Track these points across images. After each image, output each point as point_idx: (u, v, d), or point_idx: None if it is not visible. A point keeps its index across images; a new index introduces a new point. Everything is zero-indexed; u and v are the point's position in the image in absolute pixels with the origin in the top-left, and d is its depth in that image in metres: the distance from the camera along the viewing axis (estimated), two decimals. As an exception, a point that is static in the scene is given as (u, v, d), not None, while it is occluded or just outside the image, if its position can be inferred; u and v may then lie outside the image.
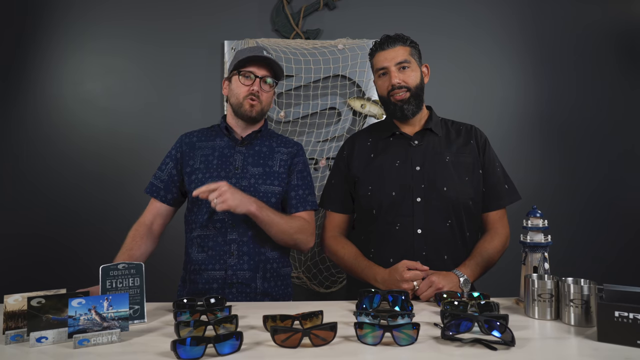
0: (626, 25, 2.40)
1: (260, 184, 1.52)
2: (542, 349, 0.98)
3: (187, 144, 1.60)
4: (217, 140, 1.59)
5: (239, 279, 1.48)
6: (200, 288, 1.49)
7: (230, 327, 1.06)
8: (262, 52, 1.52)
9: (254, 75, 1.51)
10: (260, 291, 1.50)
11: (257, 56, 1.51)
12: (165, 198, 1.58)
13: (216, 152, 1.56)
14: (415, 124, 1.62)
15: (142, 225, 1.55)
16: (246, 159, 1.54)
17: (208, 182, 1.48)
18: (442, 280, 1.36)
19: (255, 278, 1.50)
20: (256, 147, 1.58)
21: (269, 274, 1.52)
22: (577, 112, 2.39)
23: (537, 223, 1.30)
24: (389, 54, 1.55)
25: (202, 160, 1.55)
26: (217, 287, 1.48)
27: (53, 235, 2.34)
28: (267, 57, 1.51)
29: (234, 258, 1.48)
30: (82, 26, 2.39)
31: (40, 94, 2.38)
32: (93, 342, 1.00)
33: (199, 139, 1.60)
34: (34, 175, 2.36)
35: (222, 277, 1.48)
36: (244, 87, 1.51)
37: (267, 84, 1.53)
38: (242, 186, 1.50)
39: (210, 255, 1.49)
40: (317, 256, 2.30)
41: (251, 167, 1.53)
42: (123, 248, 1.48)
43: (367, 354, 0.94)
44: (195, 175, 1.53)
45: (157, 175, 1.60)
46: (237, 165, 1.53)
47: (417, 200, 1.51)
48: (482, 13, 2.40)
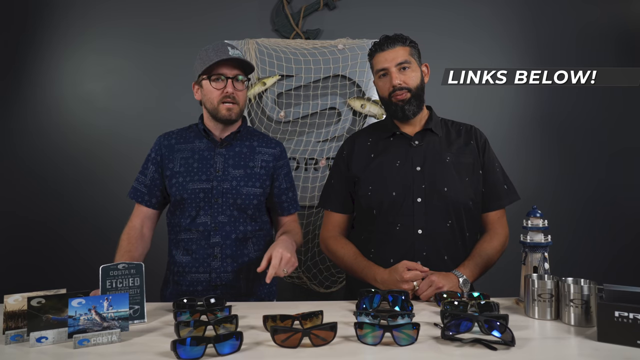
0: (626, 25, 2.40)
1: (242, 186, 1.50)
2: (542, 349, 0.98)
3: (166, 147, 1.55)
4: (196, 142, 1.55)
5: (222, 281, 1.48)
6: (185, 290, 1.49)
7: (230, 327, 1.06)
8: (227, 50, 1.46)
9: (224, 77, 1.47)
10: (244, 292, 1.50)
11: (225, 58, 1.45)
12: (150, 202, 1.55)
13: (196, 155, 1.52)
14: (416, 124, 1.62)
15: (133, 229, 1.53)
16: (227, 161, 1.52)
17: (189, 186, 1.48)
18: (442, 280, 1.36)
19: (239, 279, 1.50)
20: (236, 148, 1.55)
21: (253, 274, 1.51)
22: (577, 112, 2.39)
23: (537, 223, 1.29)
24: (388, 54, 1.55)
25: (182, 164, 1.52)
26: (202, 289, 1.48)
27: (53, 235, 2.34)
28: (235, 57, 1.46)
29: (218, 261, 1.48)
30: (82, 26, 2.39)
31: (40, 94, 2.38)
32: (93, 342, 1.00)
33: (177, 141, 1.56)
34: (34, 175, 2.36)
35: (207, 280, 1.48)
36: (217, 91, 1.47)
37: (239, 81, 1.49)
38: (224, 189, 1.49)
39: (194, 258, 1.48)
40: (317, 256, 2.30)
41: (232, 169, 1.51)
42: (121, 250, 1.47)
43: (367, 354, 0.94)
44: (175, 179, 1.50)
45: (140, 179, 1.57)
46: (218, 168, 1.51)
47: (418, 201, 1.51)
48: (482, 13, 2.40)
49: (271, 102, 2.34)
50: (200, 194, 1.48)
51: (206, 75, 1.48)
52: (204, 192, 1.48)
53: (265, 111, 2.34)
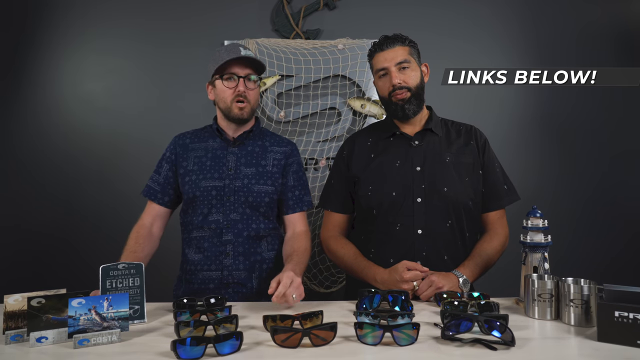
0: (626, 25, 2.40)
1: (253, 184, 1.52)
2: (542, 349, 0.98)
3: (181, 146, 1.60)
4: (209, 141, 1.59)
5: (234, 279, 1.48)
6: (197, 288, 1.49)
7: (230, 327, 1.06)
8: (239, 50, 1.49)
9: (236, 76, 1.50)
10: (256, 291, 1.50)
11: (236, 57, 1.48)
12: (162, 200, 1.58)
13: (209, 154, 1.56)
14: (416, 124, 1.62)
15: (143, 227, 1.55)
16: (239, 160, 1.55)
17: (202, 184, 1.50)
18: (442, 280, 1.36)
19: (251, 278, 1.50)
20: (248, 147, 1.58)
21: (265, 274, 1.52)
22: (577, 112, 2.39)
23: (537, 223, 1.30)
24: (388, 54, 1.55)
25: (195, 162, 1.55)
26: (214, 287, 1.48)
27: (53, 235, 2.34)
28: (246, 56, 1.49)
29: (230, 258, 1.48)
30: (82, 26, 2.39)
31: (40, 94, 2.38)
32: (93, 342, 1.00)
33: (192, 141, 1.60)
34: (34, 175, 2.36)
35: (218, 278, 1.48)
36: (229, 90, 1.50)
37: (251, 81, 1.52)
38: (236, 186, 1.50)
39: (206, 256, 1.49)
40: (317, 256, 2.30)
41: (244, 168, 1.54)
42: (126, 250, 1.47)
43: (367, 354, 0.95)
44: (189, 177, 1.54)
45: (154, 178, 1.60)
46: (231, 166, 1.53)
47: (418, 201, 1.51)
48: (482, 13, 2.39)
49: (271, 102, 2.34)
50: (213, 192, 1.50)
51: (219, 75, 1.51)
52: (216, 190, 1.50)
53: (265, 111, 2.34)
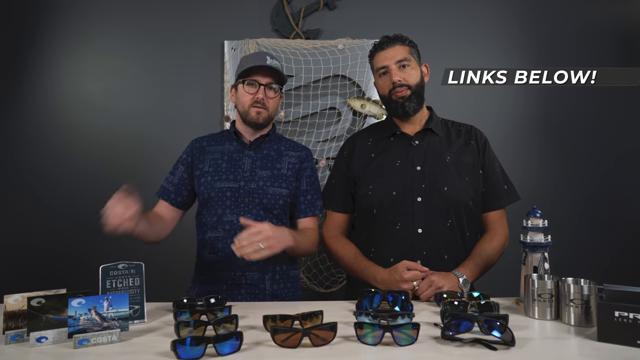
0: (626, 25, 2.40)
1: (268, 186, 1.53)
2: (542, 349, 0.98)
3: (198, 149, 1.63)
4: (226, 144, 1.62)
5: (247, 280, 1.49)
6: (209, 289, 1.50)
7: (230, 327, 1.06)
8: (265, 59, 1.54)
9: (258, 83, 1.53)
10: (269, 293, 1.51)
11: (260, 65, 1.52)
12: (175, 201, 1.59)
13: (225, 156, 1.58)
14: (416, 124, 1.63)
15: (153, 212, 1.56)
16: (254, 162, 1.57)
17: (217, 185, 1.52)
18: (442, 279, 1.36)
19: (264, 279, 1.51)
20: (264, 151, 1.60)
21: (278, 275, 1.53)
22: (577, 113, 2.39)
23: (537, 223, 1.30)
24: (388, 53, 1.56)
25: (211, 164, 1.58)
26: (227, 288, 1.49)
27: (53, 235, 2.34)
28: (270, 65, 1.52)
29: (243, 259, 1.48)
30: (82, 26, 2.39)
31: (40, 94, 2.38)
32: (93, 342, 1.00)
33: (208, 144, 1.63)
34: (34, 175, 2.36)
35: (231, 278, 1.49)
36: (249, 95, 1.53)
37: (272, 89, 1.55)
38: (250, 188, 1.52)
39: (219, 257, 1.50)
40: (317, 256, 2.30)
41: (259, 170, 1.55)
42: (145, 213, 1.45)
43: (367, 354, 0.94)
44: (204, 178, 1.56)
45: (169, 179, 1.62)
46: (246, 169, 1.55)
47: (418, 200, 1.51)
48: (482, 13, 2.39)
49: (271, 102, 2.34)
50: (227, 193, 1.52)
51: (242, 80, 1.54)
52: (230, 191, 1.52)
53: (265, 111, 2.34)
